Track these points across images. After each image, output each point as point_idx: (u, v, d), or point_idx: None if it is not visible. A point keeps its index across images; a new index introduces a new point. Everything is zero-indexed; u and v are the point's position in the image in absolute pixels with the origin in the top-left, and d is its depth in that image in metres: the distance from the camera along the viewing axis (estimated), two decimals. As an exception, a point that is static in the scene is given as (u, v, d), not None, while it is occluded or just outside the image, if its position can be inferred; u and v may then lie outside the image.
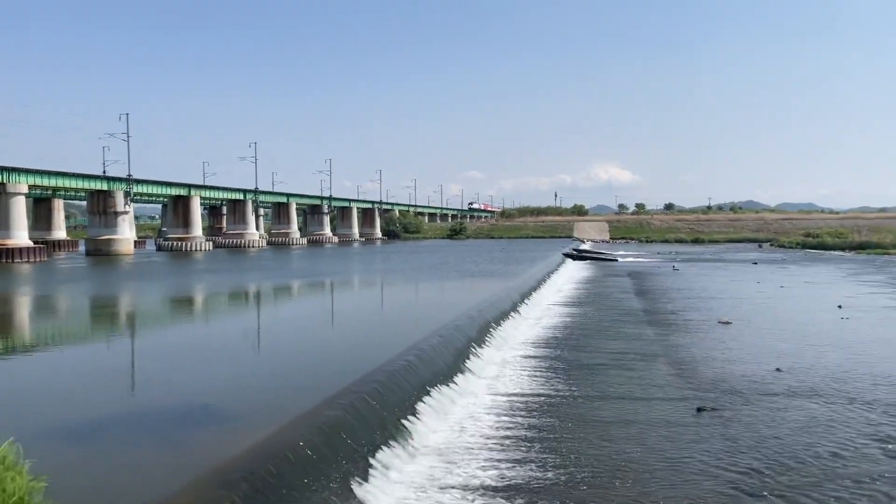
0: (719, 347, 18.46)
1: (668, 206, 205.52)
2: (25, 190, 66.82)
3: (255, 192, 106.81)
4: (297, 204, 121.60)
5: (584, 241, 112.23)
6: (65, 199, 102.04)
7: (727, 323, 22.73)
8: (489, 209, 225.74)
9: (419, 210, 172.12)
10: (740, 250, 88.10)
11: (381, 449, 9.13)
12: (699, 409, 12.22)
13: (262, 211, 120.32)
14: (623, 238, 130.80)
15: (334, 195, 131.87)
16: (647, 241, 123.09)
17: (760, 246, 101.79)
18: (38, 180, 70.06)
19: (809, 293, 33.31)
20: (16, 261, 59.88)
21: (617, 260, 64.16)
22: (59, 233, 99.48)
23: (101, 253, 72.44)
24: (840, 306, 26.73)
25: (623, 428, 11.29)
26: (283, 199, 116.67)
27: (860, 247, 79.06)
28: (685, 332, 21.25)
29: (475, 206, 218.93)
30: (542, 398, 13.16)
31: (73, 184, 74.80)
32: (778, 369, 15.48)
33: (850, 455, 9.94)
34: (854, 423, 11.48)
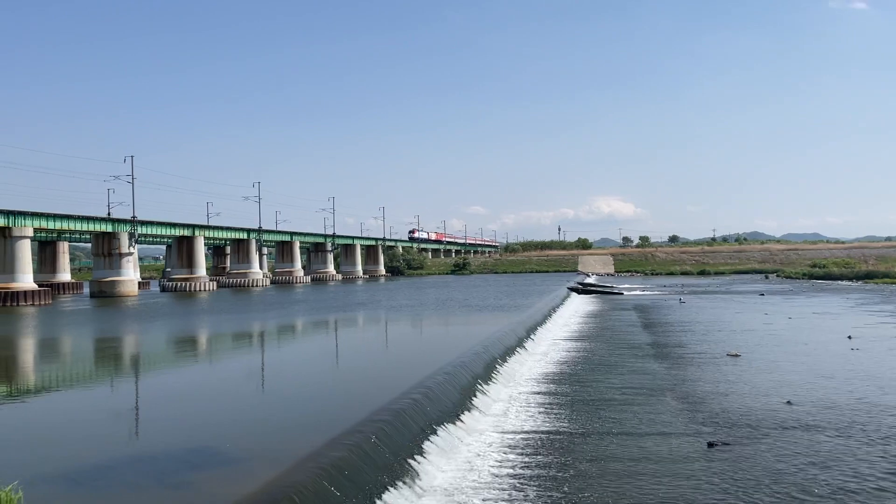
0: (728, 380, 18.25)
1: (673, 238, 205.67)
2: (31, 233, 67.15)
3: (259, 231, 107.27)
4: (300, 242, 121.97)
5: (588, 275, 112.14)
6: (70, 241, 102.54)
7: (736, 355, 22.52)
8: (448, 238, 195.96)
9: (422, 246, 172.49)
10: (746, 282, 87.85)
11: (388, 490, 8.97)
12: (710, 444, 12.02)
13: (265, 250, 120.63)
14: (628, 271, 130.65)
15: (337, 232, 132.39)
16: (652, 274, 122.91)
17: (767, 277, 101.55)
18: (44, 223, 70.48)
19: (818, 324, 33.05)
20: (21, 304, 59.93)
21: (622, 293, 63.96)
22: (64, 275, 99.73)
23: (105, 295, 72.50)
24: (850, 337, 26.50)
25: (633, 465, 11.10)
26: (287, 238, 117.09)
27: (867, 276, 78.79)
28: (693, 365, 21.05)
29: (420, 235, 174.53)
30: (550, 435, 12.98)
31: (78, 226, 75.23)
32: (789, 402, 15.28)
33: (866, 490, 9.73)
34: (869, 456, 11.26)
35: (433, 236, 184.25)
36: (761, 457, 11.32)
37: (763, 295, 57.48)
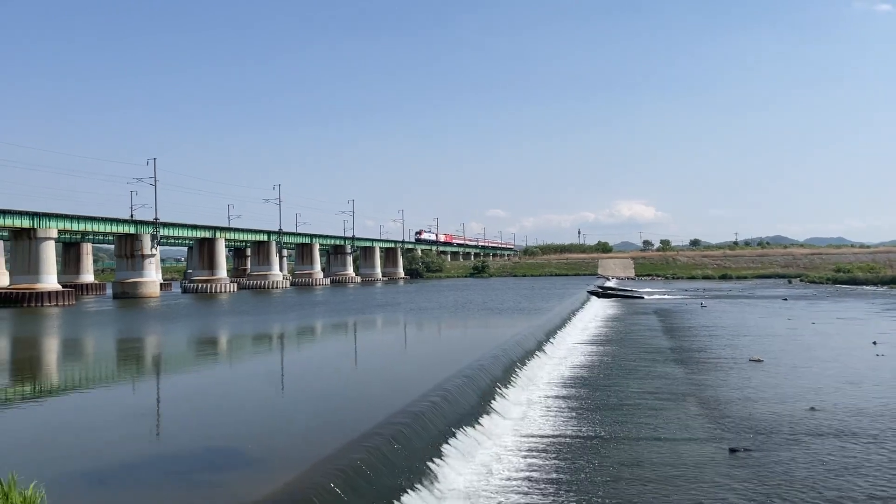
0: (750, 386, 18.04)
1: (694, 242, 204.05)
2: (55, 235, 68.09)
3: (279, 233, 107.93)
4: (320, 244, 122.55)
5: (608, 279, 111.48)
6: (93, 242, 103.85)
7: (758, 361, 22.27)
8: (461, 241, 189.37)
9: (441, 249, 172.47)
10: (769, 286, 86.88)
11: (407, 492, 8.96)
12: (732, 451, 11.88)
13: (285, 252, 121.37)
14: (648, 275, 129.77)
15: (357, 235, 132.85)
16: (673, 278, 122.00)
17: (790, 282, 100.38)
18: (68, 225, 71.45)
19: (842, 329, 32.58)
20: (45, 304, 60.78)
21: (643, 297, 63.50)
22: (88, 276, 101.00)
23: (127, 296, 73.31)
24: (875, 342, 26.10)
25: (653, 470, 10.99)
26: (307, 240, 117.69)
27: (893, 281, 77.52)
28: (715, 370, 20.83)
29: (427, 236, 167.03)
30: (569, 439, 12.91)
31: (102, 228, 76.18)
32: (812, 408, 15.07)
33: (890, 498, 9.57)
34: (893, 464, 11.07)
35: (442, 238, 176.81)
36: (784, 463, 11.17)
37: (786, 300, 56.80)
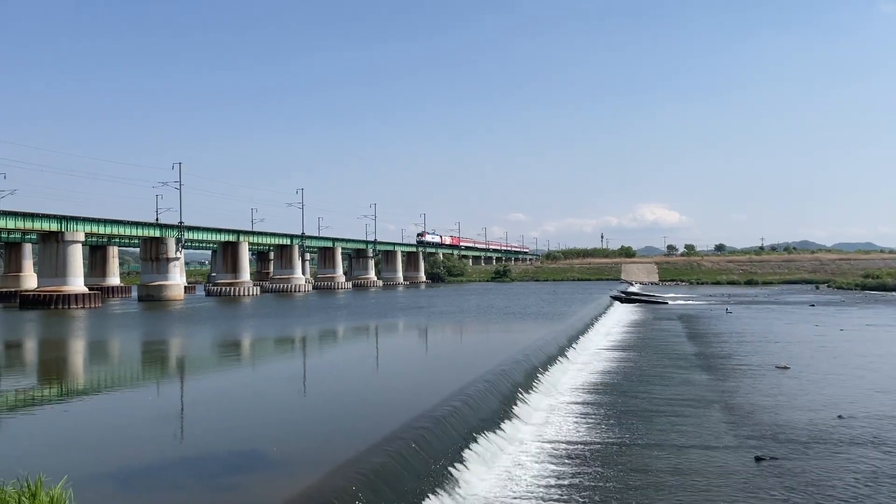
0: (777, 393, 17.78)
1: (719, 247, 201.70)
2: (82, 238, 69.09)
3: (302, 237, 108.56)
4: (342, 248, 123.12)
5: (632, 284, 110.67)
6: (119, 246, 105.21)
7: (785, 368, 21.94)
8: (467, 243, 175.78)
9: (463, 253, 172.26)
10: (796, 292, 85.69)
11: (428, 497, 8.94)
12: (758, 459, 11.71)
13: (308, 255, 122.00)
14: (672, 280, 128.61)
15: (379, 239, 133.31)
16: (697, 283, 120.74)
17: (817, 287, 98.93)
18: (94, 228, 72.45)
19: (871, 336, 32.02)
20: (72, 307, 61.65)
21: (667, 303, 62.94)
22: (114, 279, 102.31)
23: (152, 298, 74.14)
24: (904, 350, 25.61)
25: (677, 477, 10.86)
26: (329, 244, 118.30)
27: (923, 287, 76.10)
28: (740, 377, 20.56)
29: (431, 238, 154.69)
30: (592, 446, 12.80)
31: (128, 231, 77.16)
32: (840, 416, 14.81)
33: (924, 509, 9.36)
34: (926, 474, 10.83)
35: (448, 240, 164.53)
36: (811, 472, 10.98)
37: (813, 306, 55.98)
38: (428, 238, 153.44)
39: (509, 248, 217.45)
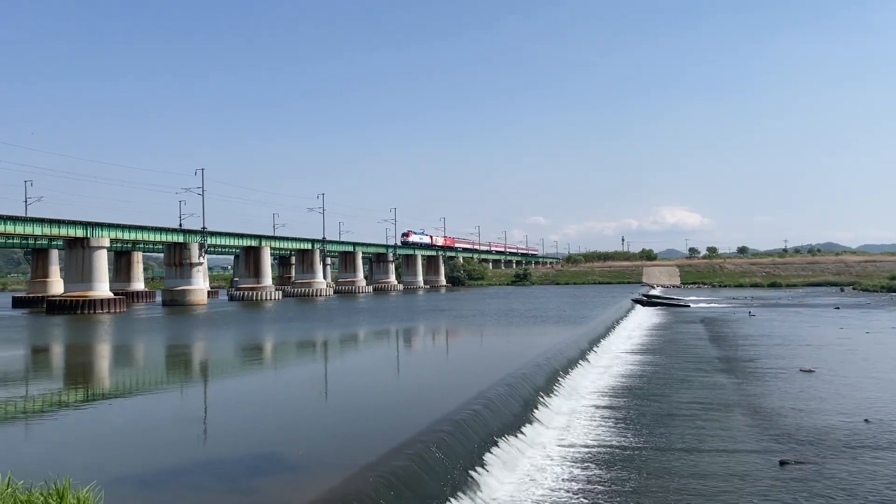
0: (801, 397, 17.57)
1: (742, 250, 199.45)
2: (107, 244, 70.00)
3: (323, 241, 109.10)
4: (363, 252, 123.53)
5: (653, 287, 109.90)
6: (144, 251, 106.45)
7: (809, 371, 21.68)
8: (463, 245, 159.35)
9: (483, 257, 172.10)
10: (820, 294, 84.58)
11: (449, 501, 8.96)
12: (782, 463, 11.59)
13: (329, 260, 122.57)
14: (694, 283, 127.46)
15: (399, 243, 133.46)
16: (720, 286, 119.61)
17: (842, 290, 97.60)
18: (119, 234, 73.37)
19: (897, 339, 31.51)
20: (98, 312, 62.51)
21: (689, 306, 62.41)
22: (138, 284, 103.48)
23: (176, 303, 74.90)
24: (932, 353, 25.19)
25: (700, 482, 10.78)
26: (350, 248, 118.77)
27: (951, 289, 74.76)
28: (764, 380, 20.35)
29: (418, 238, 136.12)
30: (614, 450, 12.75)
31: (152, 237, 78.06)
32: (866, 420, 14.61)
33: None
34: (955, 479, 10.65)
35: (440, 241, 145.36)
36: (837, 477, 10.85)
37: (839, 308, 55.21)
38: (414, 238, 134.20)
39: (527, 252, 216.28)
